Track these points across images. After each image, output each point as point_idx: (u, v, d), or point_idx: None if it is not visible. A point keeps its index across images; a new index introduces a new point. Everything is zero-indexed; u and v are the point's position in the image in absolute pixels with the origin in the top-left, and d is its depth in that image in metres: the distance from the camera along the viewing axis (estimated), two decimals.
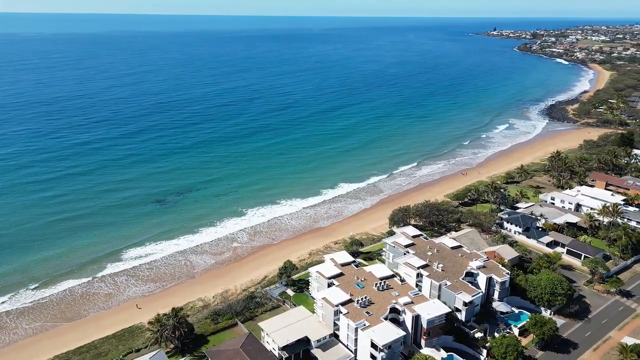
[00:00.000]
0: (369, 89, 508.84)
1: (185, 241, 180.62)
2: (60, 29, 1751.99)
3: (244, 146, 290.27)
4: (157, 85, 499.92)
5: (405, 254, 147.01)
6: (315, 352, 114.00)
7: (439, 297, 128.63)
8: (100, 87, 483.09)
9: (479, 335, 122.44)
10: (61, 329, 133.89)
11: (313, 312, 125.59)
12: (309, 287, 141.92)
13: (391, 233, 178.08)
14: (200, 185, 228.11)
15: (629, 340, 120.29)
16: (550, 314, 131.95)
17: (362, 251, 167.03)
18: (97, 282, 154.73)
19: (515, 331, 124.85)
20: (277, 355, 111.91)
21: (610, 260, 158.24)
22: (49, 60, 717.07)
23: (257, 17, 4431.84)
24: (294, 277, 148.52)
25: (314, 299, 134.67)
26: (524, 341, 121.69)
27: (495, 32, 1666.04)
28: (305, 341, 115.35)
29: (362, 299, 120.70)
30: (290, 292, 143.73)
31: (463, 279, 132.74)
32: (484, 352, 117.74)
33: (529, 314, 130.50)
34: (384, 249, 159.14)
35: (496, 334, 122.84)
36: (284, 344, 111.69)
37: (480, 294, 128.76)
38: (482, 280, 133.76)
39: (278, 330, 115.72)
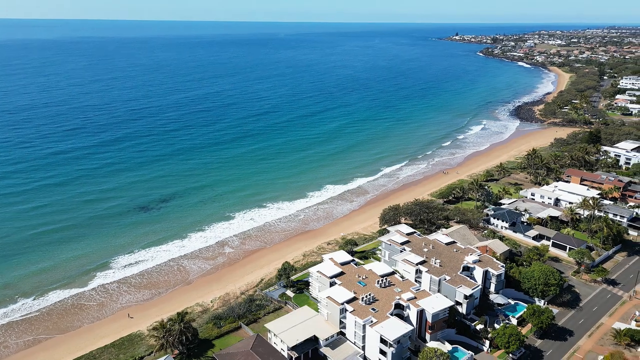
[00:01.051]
0: (345, 93, 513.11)
1: (175, 247, 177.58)
2: (14, 35, 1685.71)
3: (226, 152, 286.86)
4: (127, 92, 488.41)
5: (401, 251, 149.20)
6: (324, 350, 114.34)
7: (439, 292, 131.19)
8: (67, 95, 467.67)
9: (480, 327, 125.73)
10: (55, 341, 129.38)
11: (317, 312, 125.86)
12: (309, 287, 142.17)
13: (382, 232, 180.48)
14: (185, 193, 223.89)
15: (620, 325, 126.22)
16: (544, 304, 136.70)
17: (357, 250, 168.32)
18: (88, 292, 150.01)
19: (514, 322, 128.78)
20: (287, 356, 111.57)
21: (594, 251, 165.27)
22: (9, 68, 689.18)
23: (218, 23, 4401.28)
24: (292, 278, 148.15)
25: (316, 299, 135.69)
26: (523, 331, 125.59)
27: (457, 37, 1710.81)
28: (313, 340, 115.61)
29: (366, 296, 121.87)
30: (290, 293, 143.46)
31: (461, 273, 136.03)
32: (487, 343, 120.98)
33: (524, 305, 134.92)
34: (379, 247, 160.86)
35: (496, 325, 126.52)
36: (294, 344, 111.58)
37: (479, 287, 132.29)
38: (478, 274, 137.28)
39: (286, 330, 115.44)
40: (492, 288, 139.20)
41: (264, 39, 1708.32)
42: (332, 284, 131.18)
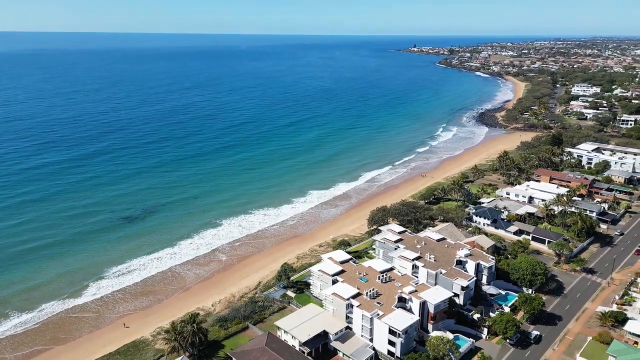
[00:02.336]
0: (319, 104, 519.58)
1: (167, 256, 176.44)
2: None
3: (208, 164, 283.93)
4: (94, 106, 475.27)
5: (395, 249, 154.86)
6: (335, 344, 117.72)
7: (436, 285, 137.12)
8: (29, 109, 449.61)
9: (477, 316, 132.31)
10: (55, 352, 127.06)
11: (322, 309, 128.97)
12: (310, 287, 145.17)
13: (372, 233, 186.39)
14: (171, 204, 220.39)
15: (603, 309, 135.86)
16: (532, 293, 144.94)
17: (349, 251, 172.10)
18: (84, 304, 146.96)
19: (507, 310, 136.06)
20: (299, 351, 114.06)
21: (570, 243, 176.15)
22: None
23: (169, 35, 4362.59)
24: (292, 279, 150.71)
25: (317, 297, 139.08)
26: (516, 318, 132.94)
27: (415, 49, 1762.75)
28: (322, 335, 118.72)
29: (370, 291, 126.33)
30: (290, 293, 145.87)
31: (455, 266, 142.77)
32: (485, 330, 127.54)
33: (515, 294, 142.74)
34: (373, 245, 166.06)
35: (491, 314, 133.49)
36: (306, 339, 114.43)
37: (474, 278, 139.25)
38: (471, 266, 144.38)
39: (296, 327, 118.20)
40: (484, 280, 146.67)
41: (227, 52, 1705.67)
42: (334, 282, 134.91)
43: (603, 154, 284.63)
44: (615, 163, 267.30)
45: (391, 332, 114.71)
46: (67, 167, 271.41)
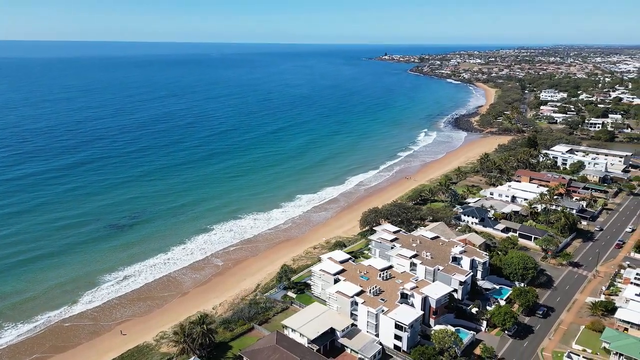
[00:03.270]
0: (301, 111, 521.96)
1: (161, 262, 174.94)
2: None
3: (195, 172, 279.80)
4: (69, 115, 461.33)
5: (392, 247, 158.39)
6: (342, 341, 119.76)
7: (434, 281, 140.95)
8: None
9: (475, 310, 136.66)
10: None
11: (327, 307, 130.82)
12: (311, 287, 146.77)
13: (364, 234, 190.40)
14: (161, 213, 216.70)
15: (592, 300, 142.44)
16: (524, 286, 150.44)
17: (345, 251, 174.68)
18: (81, 312, 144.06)
19: (502, 303, 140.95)
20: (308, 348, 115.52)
21: (555, 239, 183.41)
22: None
23: (143, 43, 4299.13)
24: (292, 279, 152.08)
25: (319, 297, 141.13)
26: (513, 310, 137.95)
27: (386, 57, 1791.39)
28: (329, 333, 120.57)
29: (373, 288, 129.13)
30: (291, 294, 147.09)
31: (451, 263, 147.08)
32: (484, 323, 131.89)
33: (508, 288, 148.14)
34: (369, 245, 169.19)
35: (488, 308, 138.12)
36: (315, 336, 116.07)
37: (471, 273, 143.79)
38: (466, 263, 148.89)
39: (303, 325, 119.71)
40: (479, 275, 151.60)
41: (197, 59, 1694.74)
42: (336, 281, 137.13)
43: (576, 155, 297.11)
44: (589, 163, 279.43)
45: (397, 326, 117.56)
46: (48, 177, 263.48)
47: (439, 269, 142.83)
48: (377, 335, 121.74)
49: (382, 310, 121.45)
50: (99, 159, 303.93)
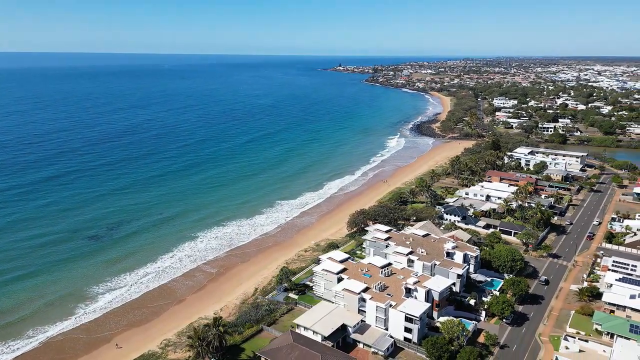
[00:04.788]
0: (272, 121, 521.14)
1: (152, 272, 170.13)
2: None
3: (173, 184, 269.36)
4: (27, 129, 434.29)
5: (387, 246, 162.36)
6: (354, 336, 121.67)
7: (432, 276, 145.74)
8: None
9: (472, 301, 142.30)
10: None
11: (335, 305, 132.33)
12: (313, 287, 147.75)
13: (352, 235, 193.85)
14: (144, 225, 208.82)
15: (577, 287, 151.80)
16: (514, 277, 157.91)
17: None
18: (77, 326, 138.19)
19: (496, 294, 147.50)
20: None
21: (534, 233, 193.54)
22: None
23: (90, 54, 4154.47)
24: (293, 280, 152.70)
25: (321, 297, 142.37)
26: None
27: (341, 68, 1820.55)
28: (341, 329, 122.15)
29: (378, 284, 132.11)
30: (293, 295, 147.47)
31: (446, 258, 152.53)
32: (483, 313, 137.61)
33: (499, 280, 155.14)
34: (364, 245, 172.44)
35: (484, 299, 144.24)
36: (329, 333, 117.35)
37: (467, 266, 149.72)
38: (459, 257, 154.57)
39: (316, 323, 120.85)
40: (471, 268, 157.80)
41: (149, 71, 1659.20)
42: (339, 280, 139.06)
43: (536, 156, 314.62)
44: (550, 163, 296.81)
45: (407, 319, 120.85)
46: (16, 194, 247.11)
47: (435, 264, 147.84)
48: (386, 329, 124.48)
49: (391, 305, 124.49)
50: (67, 173, 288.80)
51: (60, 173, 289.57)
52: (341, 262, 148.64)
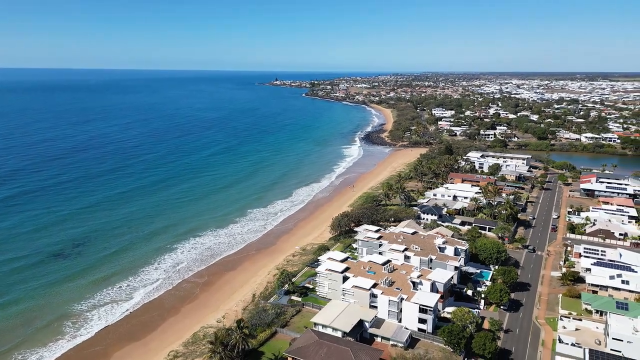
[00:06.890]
0: (227, 135, 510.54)
1: (140, 287, 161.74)
2: None
3: (143, 201, 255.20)
4: None
5: (380, 245, 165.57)
6: (372, 330, 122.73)
7: (431, 269, 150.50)
8: None
9: (469, 292, 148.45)
10: None
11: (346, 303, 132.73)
12: (316, 287, 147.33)
13: (337, 238, 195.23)
14: (120, 243, 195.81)
15: (557, 273, 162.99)
16: (502, 267, 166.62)
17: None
18: (73, 349, 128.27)
19: (488, 284, 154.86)
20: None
21: (509, 227, 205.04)
22: None
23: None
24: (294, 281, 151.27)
25: (325, 297, 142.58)
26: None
27: (277, 82, 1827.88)
28: (358, 325, 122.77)
29: (385, 279, 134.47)
30: (295, 297, 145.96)
31: (440, 252, 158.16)
32: (482, 302, 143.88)
33: (488, 271, 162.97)
34: (355, 244, 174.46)
35: (479, 289, 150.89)
36: (350, 329, 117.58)
37: (463, 259, 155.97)
38: (450, 251, 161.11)
39: (334, 320, 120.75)
40: (462, 262, 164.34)
41: (75, 85, 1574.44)
42: (345, 278, 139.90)
43: (485, 159, 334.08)
44: (502, 165, 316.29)
45: (422, 310, 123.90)
46: None
47: (432, 259, 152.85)
48: (400, 321, 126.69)
49: (402, 298, 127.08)
50: (23, 193, 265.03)
51: (15, 193, 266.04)
52: (341, 261, 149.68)
